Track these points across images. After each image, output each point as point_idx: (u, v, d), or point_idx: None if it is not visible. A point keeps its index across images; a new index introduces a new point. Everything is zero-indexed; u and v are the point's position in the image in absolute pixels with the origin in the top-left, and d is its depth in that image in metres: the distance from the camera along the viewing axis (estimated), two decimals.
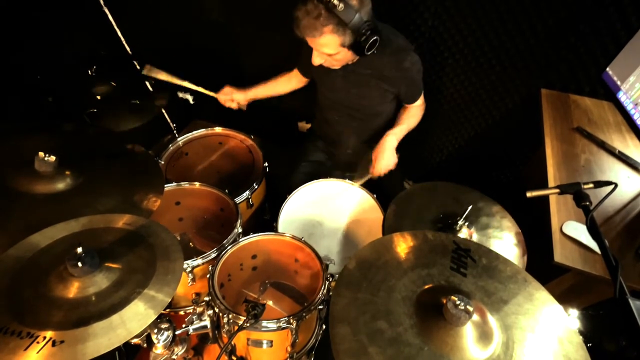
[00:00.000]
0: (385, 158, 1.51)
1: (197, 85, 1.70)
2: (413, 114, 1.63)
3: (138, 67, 1.77)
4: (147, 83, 1.75)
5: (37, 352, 0.75)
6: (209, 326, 1.25)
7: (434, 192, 1.37)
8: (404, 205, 1.33)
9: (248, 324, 1.09)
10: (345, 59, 1.44)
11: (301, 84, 1.78)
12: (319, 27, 1.28)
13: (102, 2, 1.78)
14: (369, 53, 1.36)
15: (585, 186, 0.94)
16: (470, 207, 1.18)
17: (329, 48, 1.35)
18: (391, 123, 1.62)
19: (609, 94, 1.44)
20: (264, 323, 1.13)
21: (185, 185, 1.54)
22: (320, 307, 1.24)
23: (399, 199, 1.35)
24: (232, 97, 1.73)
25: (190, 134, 1.80)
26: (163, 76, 1.65)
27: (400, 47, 1.48)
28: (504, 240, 1.22)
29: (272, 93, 1.78)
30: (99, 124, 1.51)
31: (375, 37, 1.32)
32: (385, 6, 1.34)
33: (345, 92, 1.58)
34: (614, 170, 1.33)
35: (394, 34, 1.48)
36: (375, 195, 1.56)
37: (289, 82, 1.77)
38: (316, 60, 1.43)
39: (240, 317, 1.12)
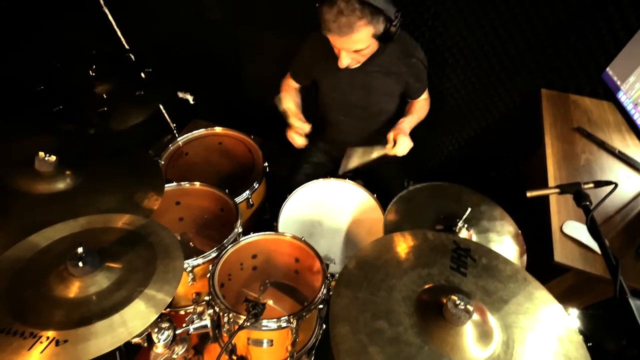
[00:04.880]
0: (406, 139, 1.46)
1: None
2: (420, 107, 1.64)
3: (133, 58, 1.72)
4: (142, 74, 1.71)
5: (41, 352, 0.76)
6: (209, 325, 1.25)
7: (435, 192, 1.37)
8: (404, 206, 1.33)
9: (248, 323, 1.09)
10: (371, 52, 1.40)
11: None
12: (355, 21, 1.22)
13: (102, 2, 1.78)
14: (395, 38, 1.33)
15: (585, 186, 0.94)
16: (469, 210, 1.18)
17: (362, 43, 1.30)
18: (394, 122, 1.62)
19: (609, 94, 1.44)
20: (264, 322, 1.13)
21: (185, 185, 1.54)
22: (321, 306, 1.25)
23: (399, 199, 1.35)
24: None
25: (190, 134, 1.80)
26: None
27: (407, 43, 1.48)
28: (504, 245, 1.22)
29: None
30: (110, 122, 1.49)
31: (402, 21, 1.31)
32: None
33: (352, 91, 1.56)
34: (614, 170, 1.33)
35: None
36: (375, 195, 1.56)
37: (296, 90, 1.72)
38: (345, 61, 1.36)
39: (241, 316, 1.12)
